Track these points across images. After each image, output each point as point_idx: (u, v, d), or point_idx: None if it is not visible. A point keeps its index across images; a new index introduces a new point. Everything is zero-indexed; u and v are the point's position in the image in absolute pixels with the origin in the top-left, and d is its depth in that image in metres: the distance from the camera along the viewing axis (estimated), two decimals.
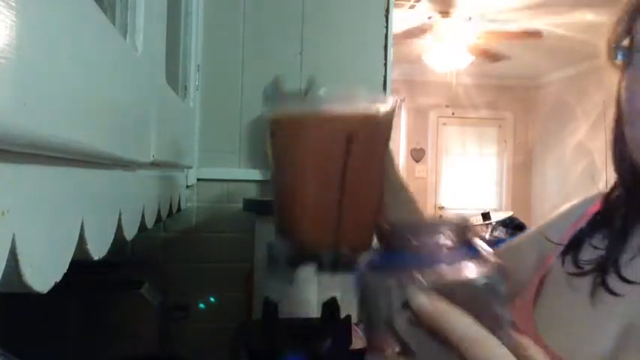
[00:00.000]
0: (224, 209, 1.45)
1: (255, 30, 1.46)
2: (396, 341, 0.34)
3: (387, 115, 0.54)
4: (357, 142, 0.52)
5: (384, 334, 0.35)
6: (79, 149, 0.40)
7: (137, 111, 0.62)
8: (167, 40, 0.85)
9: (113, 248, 0.53)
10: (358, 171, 0.53)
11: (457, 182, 5.87)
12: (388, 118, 0.55)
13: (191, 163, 1.32)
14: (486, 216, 4.56)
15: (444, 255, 0.35)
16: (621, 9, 0.53)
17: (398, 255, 0.36)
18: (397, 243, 0.37)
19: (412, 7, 3.67)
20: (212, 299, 1.41)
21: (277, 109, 0.55)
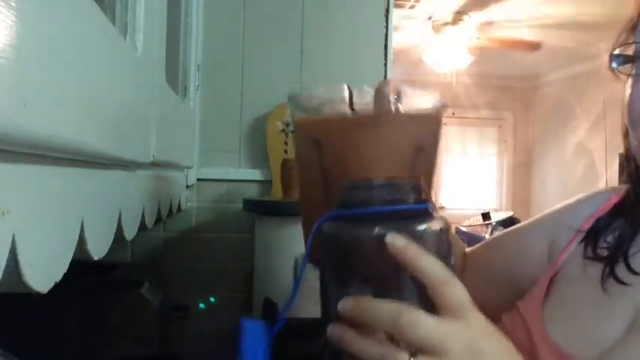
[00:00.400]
0: (224, 209, 1.45)
1: (255, 30, 1.46)
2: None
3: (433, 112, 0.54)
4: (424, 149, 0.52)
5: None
6: (79, 149, 0.40)
7: (137, 111, 0.62)
8: (167, 40, 0.85)
9: (113, 248, 0.53)
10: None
11: (457, 182, 5.87)
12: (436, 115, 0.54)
13: (191, 163, 1.32)
14: (486, 216, 4.56)
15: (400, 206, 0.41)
16: (622, 22, 0.57)
17: (360, 209, 0.41)
18: (358, 198, 0.42)
19: (412, 7, 3.67)
20: (212, 299, 1.41)
21: (323, 115, 0.51)
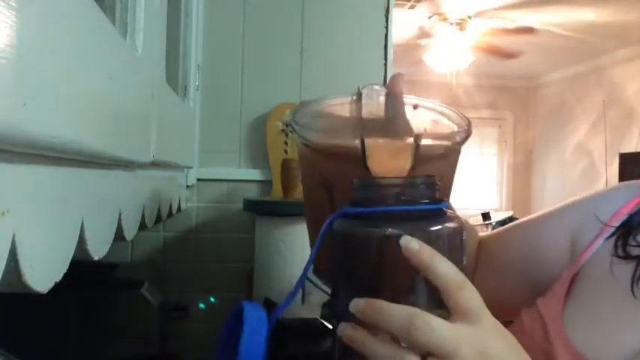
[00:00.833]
0: (224, 209, 1.45)
1: (255, 30, 1.46)
2: None
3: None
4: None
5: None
6: (79, 149, 0.40)
7: (137, 111, 0.62)
8: (167, 40, 0.85)
9: (113, 248, 0.53)
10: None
11: (457, 182, 5.85)
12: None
13: (191, 163, 1.32)
14: (486, 216, 4.57)
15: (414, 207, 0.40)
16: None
17: (372, 207, 0.40)
18: (368, 197, 0.41)
19: (412, 7, 3.67)
20: (212, 299, 1.41)
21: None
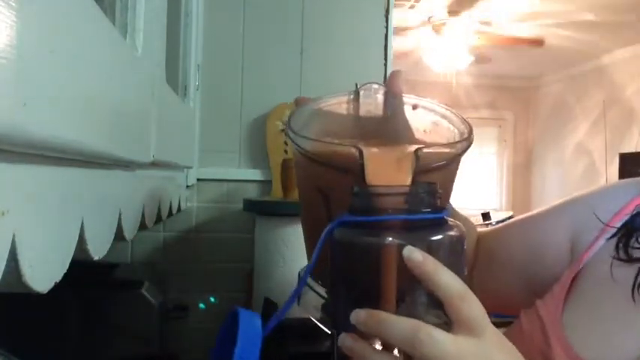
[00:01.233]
0: (224, 209, 1.45)
1: (255, 30, 1.46)
2: None
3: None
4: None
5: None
6: (79, 149, 0.40)
7: (137, 111, 0.62)
8: (167, 40, 0.85)
9: (113, 248, 0.53)
10: None
11: (457, 182, 5.86)
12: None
13: (191, 163, 1.32)
14: (486, 216, 4.56)
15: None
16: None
17: (370, 216, 0.40)
18: (367, 206, 0.41)
19: (412, 7, 3.67)
20: (212, 299, 1.41)
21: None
